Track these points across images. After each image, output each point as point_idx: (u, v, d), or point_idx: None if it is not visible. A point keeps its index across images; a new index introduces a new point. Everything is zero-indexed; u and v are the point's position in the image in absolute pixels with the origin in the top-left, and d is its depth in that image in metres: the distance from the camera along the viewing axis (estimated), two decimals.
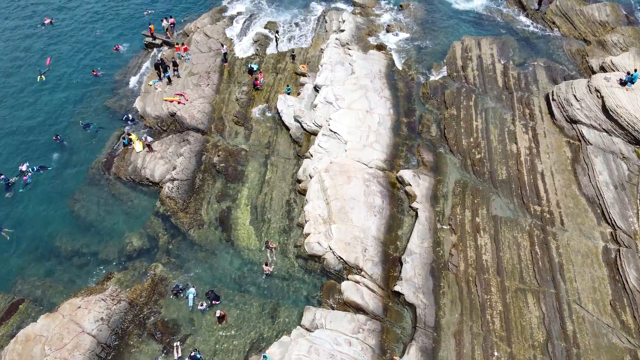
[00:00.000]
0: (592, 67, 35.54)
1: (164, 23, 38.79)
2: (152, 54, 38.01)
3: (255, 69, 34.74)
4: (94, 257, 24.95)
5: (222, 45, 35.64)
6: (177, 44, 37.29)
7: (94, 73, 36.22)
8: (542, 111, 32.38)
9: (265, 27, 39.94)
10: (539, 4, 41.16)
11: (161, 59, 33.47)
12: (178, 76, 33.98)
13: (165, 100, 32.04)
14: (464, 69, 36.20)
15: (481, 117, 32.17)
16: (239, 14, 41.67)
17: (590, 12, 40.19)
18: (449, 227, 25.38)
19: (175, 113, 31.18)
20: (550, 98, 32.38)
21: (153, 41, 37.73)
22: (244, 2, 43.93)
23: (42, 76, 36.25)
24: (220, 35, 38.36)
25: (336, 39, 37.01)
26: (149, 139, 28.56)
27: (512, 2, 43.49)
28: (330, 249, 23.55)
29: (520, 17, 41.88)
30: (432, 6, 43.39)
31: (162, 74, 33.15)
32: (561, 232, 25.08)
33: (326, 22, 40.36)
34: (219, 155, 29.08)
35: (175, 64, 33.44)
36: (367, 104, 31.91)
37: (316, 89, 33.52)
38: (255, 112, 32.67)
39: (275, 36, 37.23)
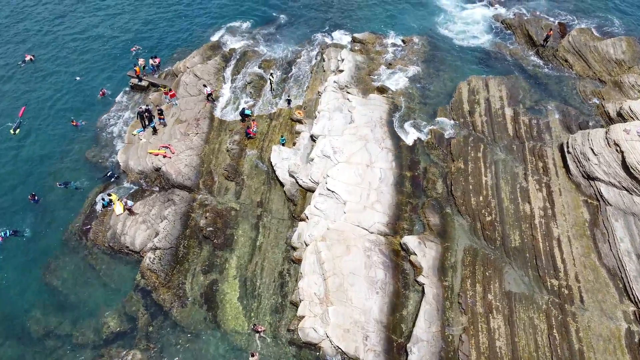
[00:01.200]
0: (608, 113, 33.95)
1: (150, 62, 37.30)
2: (138, 97, 36.32)
3: (247, 114, 33.12)
4: (67, 341, 23.18)
5: (205, 86, 34.05)
6: (164, 87, 35.72)
7: (73, 123, 34.47)
8: (556, 164, 30.69)
9: (259, 67, 38.39)
10: (545, 40, 39.64)
11: (146, 108, 31.77)
12: (164, 125, 32.29)
13: (150, 153, 30.32)
14: (471, 114, 34.62)
15: (491, 171, 30.46)
16: (233, 51, 40.08)
17: (604, 48, 38.65)
18: (458, 306, 23.52)
19: (160, 168, 29.46)
20: (565, 150, 30.73)
21: (139, 83, 36.18)
22: (238, 38, 42.47)
23: (16, 131, 34.31)
24: (212, 76, 36.79)
25: (334, 82, 35.46)
26: (129, 203, 26.84)
27: (521, 37, 42.00)
28: (327, 337, 21.69)
29: (530, 53, 40.33)
30: (437, 42, 41.91)
31: (146, 123, 31.47)
32: (581, 312, 23.28)
33: (324, 60, 38.85)
34: (206, 218, 27.32)
35: (160, 112, 31.81)
36: (368, 156, 30.23)
37: (313, 138, 31.85)
38: (247, 165, 30.87)
39: (270, 79, 35.67)
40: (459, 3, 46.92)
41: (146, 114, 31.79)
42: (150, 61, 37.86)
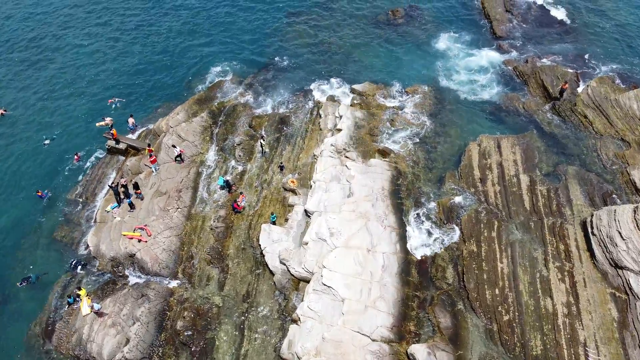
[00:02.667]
0: (634, 182, 31.42)
1: (130, 120, 34.89)
2: (115, 162, 33.68)
3: (230, 183, 30.53)
4: None
5: (174, 147, 31.51)
6: (148, 146, 33.19)
7: (39, 194, 31.76)
8: (579, 247, 28.08)
9: (250, 125, 35.88)
10: (561, 93, 37.19)
11: (121, 182, 29.14)
12: (141, 199, 29.66)
13: (124, 236, 27.62)
14: (482, 182, 32.03)
15: (507, 254, 27.84)
16: (222, 105, 37.61)
17: (627, 102, 36.26)
18: None
19: (134, 254, 26.72)
20: (589, 230, 28.14)
21: (116, 146, 33.57)
22: (228, 88, 40.10)
23: None
24: (197, 136, 34.27)
25: (332, 145, 32.93)
26: (96, 306, 24.05)
27: (535, 88, 39.58)
28: None
29: (546, 107, 37.81)
30: (442, 93, 39.56)
31: (121, 198, 28.82)
32: None
33: (320, 116, 36.33)
34: (184, 317, 24.59)
35: (136, 186, 29.18)
36: (369, 239, 27.60)
37: (307, 213, 29.20)
38: (233, 247, 28.18)
39: (261, 142, 33.11)
40: (464, 47, 44.64)
41: (121, 188, 29.12)
42: (131, 120, 35.38)
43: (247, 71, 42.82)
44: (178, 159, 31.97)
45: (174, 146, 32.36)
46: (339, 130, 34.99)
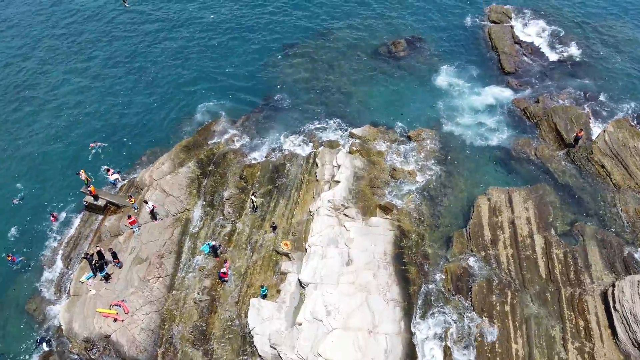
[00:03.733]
0: None
1: (114, 177, 32.78)
2: (95, 221, 31.46)
3: (216, 248, 28.34)
4: None
5: (146, 202, 29.91)
6: (131, 196, 31.08)
7: (9, 258, 29.48)
8: (600, 322, 26.05)
9: (241, 176, 33.71)
10: (576, 140, 35.11)
11: (98, 252, 26.92)
12: (120, 267, 27.40)
13: (99, 312, 25.32)
14: (493, 244, 29.90)
15: (522, 333, 25.78)
16: (210, 153, 35.49)
17: None
18: None
19: (110, 335, 24.42)
20: (611, 304, 26.16)
21: (95, 202, 31.35)
22: (218, 131, 38.16)
23: None
24: (183, 190, 32.14)
25: (329, 201, 30.74)
26: None
27: (548, 132, 37.55)
28: None
29: (560, 154, 35.69)
30: (448, 137, 37.55)
31: (96, 268, 26.57)
32: None
33: (317, 165, 34.12)
34: None
35: (114, 255, 26.95)
36: (370, 317, 25.44)
37: (302, 284, 26.96)
38: (219, 325, 25.87)
39: (252, 199, 30.88)
40: (470, 84, 42.66)
41: (96, 257, 26.88)
42: (115, 176, 33.27)
43: (240, 111, 40.71)
44: (151, 214, 29.89)
45: (145, 202, 30.24)
46: (337, 182, 32.85)
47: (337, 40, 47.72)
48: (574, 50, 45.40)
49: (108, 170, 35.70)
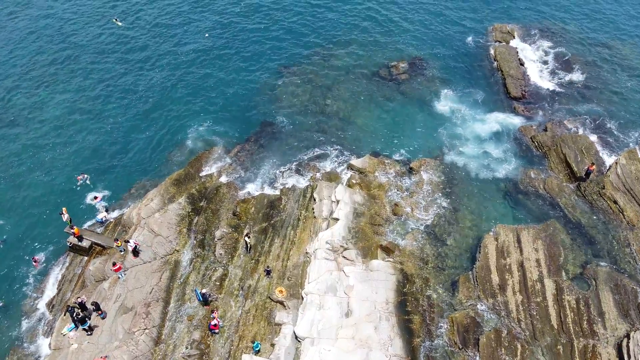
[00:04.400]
0: None
1: (101, 216, 31.33)
2: (78, 264, 29.91)
3: (207, 296, 26.84)
4: None
5: (127, 241, 28.60)
6: (117, 239, 29.60)
7: None
8: None
9: (234, 213, 32.20)
10: (587, 174, 33.72)
11: (80, 303, 25.40)
12: (103, 317, 25.88)
13: None
14: (502, 290, 28.55)
15: None
16: (202, 187, 34.06)
17: None
18: None
19: None
20: (625, 358, 24.51)
21: (79, 243, 29.83)
22: (211, 162, 36.86)
23: None
24: (172, 229, 30.67)
25: (327, 242, 29.33)
26: None
27: (557, 163, 36.29)
28: None
29: (570, 187, 34.33)
30: (453, 169, 36.25)
31: (78, 319, 25.06)
32: None
33: (315, 200, 32.66)
34: None
35: (96, 307, 25.44)
36: None
37: (297, 338, 25.46)
38: None
39: (246, 240, 29.45)
40: (475, 110, 41.45)
41: (77, 309, 25.37)
42: (102, 215, 31.79)
43: (234, 137, 39.29)
44: (134, 252, 28.45)
45: (127, 241, 28.78)
46: (336, 219, 31.42)
47: (336, 62, 46.41)
48: (581, 72, 44.18)
49: (96, 197, 34.29)
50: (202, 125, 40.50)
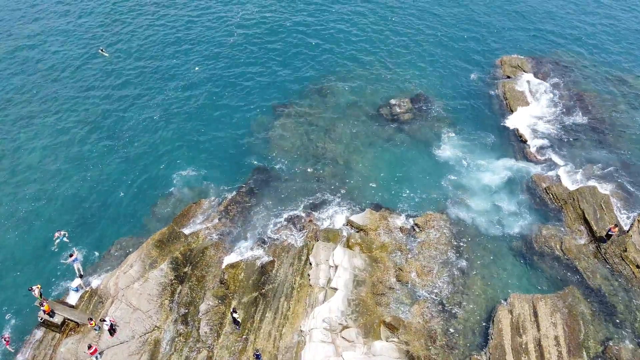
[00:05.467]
0: None
1: (76, 284, 28.98)
2: (50, 341, 27.44)
3: None
4: None
5: (103, 320, 26.32)
6: (91, 319, 27.20)
7: None
8: None
9: (222, 281, 29.90)
10: (608, 236, 31.46)
11: None
12: None
13: None
14: None
15: None
16: (187, 249, 31.62)
17: None
18: None
19: None
20: None
21: (50, 319, 27.45)
22: (198, 218, 34.46)
23: None
24: (153, 302, 28.30)
25: (324, 320, 26.99)
26: None
27: (574, 219, 34.13)
28: None
29: (589, 248, 31.99)
30: (461, 225, 34.23)
31: None
32: None
33: (310, 264, 30.36)
34: None
35: None
36: None
37: None
38: None
39: (233, 316, 27.06)
40: (484, 155, 39.28)
41: None
42: (77, 283, 29.46)
43: (224, 188, 37.04)
44: (110, 331, 26.07)
45: (102, 320, 26.46)
46: (334, 289, 29.06)
47: (334, 99, 44.23)
48: (597, 112, 42.04)
49: (71, 255, 31.94)
50: (190, 172, 38.27)
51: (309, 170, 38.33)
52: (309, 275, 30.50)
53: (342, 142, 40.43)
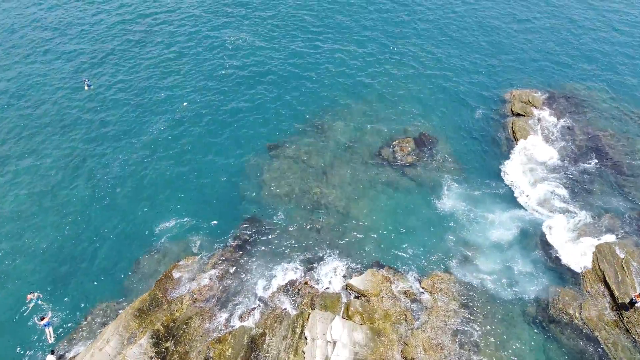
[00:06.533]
0: None
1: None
2: None
3: None
4: None
5: None
6: None
7: None
8: None
9: (207, 358, 27.52)
10: (631, 304, 29.40)
11: None
12: None
13: None
14: None
15: None
16: (171, 319, 29.47)
17: None
18: None
19: None
20: None
21: None
22: (182, 278, 32.25)
23: None
24: None
25: None
26: None
27: (594, 283, 32.11)
28: None
29: (610, 317, 29.90)
30: (469, 288, 32.24)
31: None
32: None
33: (305, 339, 28.14)
34: None
35: None
36: None
37: None
38: None
39: None
40: (494, 205, 37.15)
41: None
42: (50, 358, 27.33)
43: (212, 242, 34.84)
44: None
45: None
46: None
47: (333, 139, 42.08)
48: (616, 152, 39.93)
49: (43, 319, 29.74)
50: (176, 224, 36.00)
51: (305, 220, 36.18)
52: (303, 352, 28.24)
53: (341, 187, 38.30)
